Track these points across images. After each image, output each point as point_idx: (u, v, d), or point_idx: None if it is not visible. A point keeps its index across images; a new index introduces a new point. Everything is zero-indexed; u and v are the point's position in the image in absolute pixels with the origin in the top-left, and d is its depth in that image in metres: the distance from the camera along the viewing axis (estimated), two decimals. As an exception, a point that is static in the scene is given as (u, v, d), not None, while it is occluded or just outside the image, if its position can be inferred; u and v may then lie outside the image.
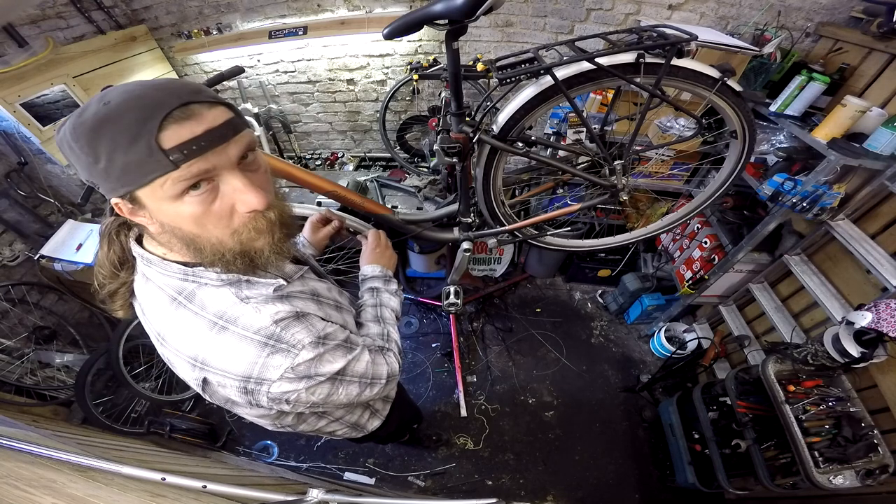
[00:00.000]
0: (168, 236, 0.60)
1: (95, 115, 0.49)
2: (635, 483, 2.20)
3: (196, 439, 2.16)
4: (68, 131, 0.51)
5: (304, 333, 0.63)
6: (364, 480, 2.15)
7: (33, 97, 1.83)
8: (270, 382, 0.61)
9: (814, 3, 1.89)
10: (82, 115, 0.50)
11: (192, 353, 0.61)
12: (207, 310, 0.61)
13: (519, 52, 1.07)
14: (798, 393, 1.65)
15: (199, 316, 0.61)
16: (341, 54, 2.43)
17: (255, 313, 0.61)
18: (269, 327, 0.61)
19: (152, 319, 0.65)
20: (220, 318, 0.61)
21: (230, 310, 0.61)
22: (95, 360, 2.01)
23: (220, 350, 0.60)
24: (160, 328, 0.64)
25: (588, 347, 2.81)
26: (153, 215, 0.57)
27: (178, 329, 0.62)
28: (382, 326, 0.90)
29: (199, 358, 0.61)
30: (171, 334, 0.63)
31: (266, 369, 0.60)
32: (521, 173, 1.55)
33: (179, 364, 0.64)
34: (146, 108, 0.50)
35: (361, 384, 0.74)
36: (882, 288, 1.58)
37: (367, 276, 1.02)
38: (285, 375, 0.61)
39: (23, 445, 0.75)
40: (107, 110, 0.49)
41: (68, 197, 2.21)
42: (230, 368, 0.60)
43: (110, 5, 2.19)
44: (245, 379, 0.61)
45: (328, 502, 0.80)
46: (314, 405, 0.69)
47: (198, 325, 0.60)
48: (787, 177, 1.74)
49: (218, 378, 0.61)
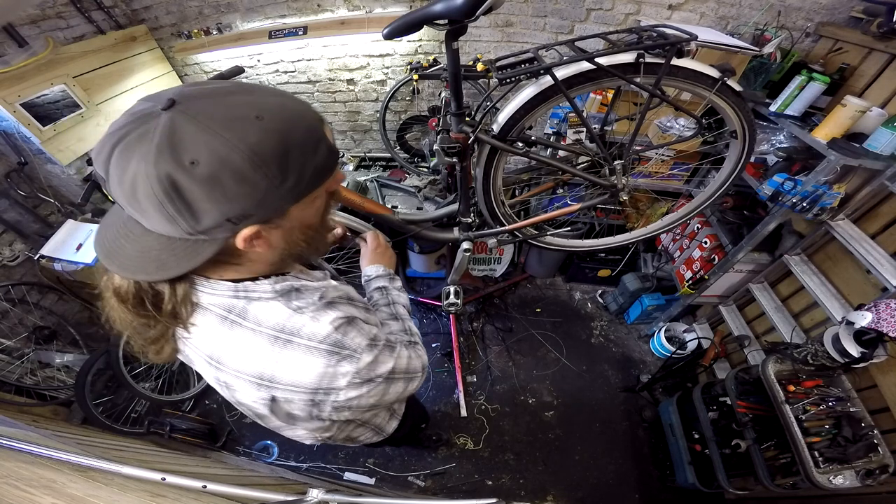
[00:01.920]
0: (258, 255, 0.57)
1: (273, 133, 0.46)
2: (635, 483, 2.20)
3: (196, 439, 2.16)
4: (246, 165, 0.45)
5: (360, 337, 0.62)
6: (364, 480, 2.15)
7: (33, 97, 1.83)
8: (339, 391, 0.60)
9: (814, 3, 1.89)
10: (249, 144, 0.45)
11: (257, 372, 0.58)
12: (264, 325, 0.58)
13: (519, 52, 1.07)
14: (798, 393, 1.65)
15: (259, 332, 0.58)
16: (341, 54, 2.43)
17: (315, 322, 0.59)
18: (332, 334, 0.59)
19: (200, 344, 0.61)
20: (282, 332, 0.58)
21: (288, 322, 0.58)
22: (95, 360, 2.01)
23: (287, 364, 0.58)
24: (212, 351, 0.60)
25: (588, 347, 2.81)
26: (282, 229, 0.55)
27: (237, 349, 0.59)
28: (402, 322, 0.90)
29: (266, 376, 0.58)
30: (229, 356, 0.59)
31: (336, 378, 0.59)
32: (521, 173, 1.55)
33: (241, 386, 0.61)
34: (302, 113, 0.51)
35: (405, 380, 0.73)
36: (882, 288, 1.58)
37: (371, 276, 1.02)
38: (352, 381, 0.60)
39: (23, 445, 0.75)
40: (280, 125, 0.47)
41: (68, 197, 2.21)
42: (300, 382, 0.58)
43: (110, 5, 2.19)
44: (314, 391, 0.59)
45: (328, 502, 0.80)
46: (370, 408, 0.68)
47: (258, 342, 0.58)
48: (787, 177, 1.74)
49: (286, 394, 0.59)
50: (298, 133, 0.49)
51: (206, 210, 0.46)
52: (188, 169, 0.43)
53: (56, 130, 1.93)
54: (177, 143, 0.43)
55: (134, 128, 0.44)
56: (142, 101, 0.48)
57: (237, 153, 0.44)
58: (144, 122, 0.44)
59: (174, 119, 0.44)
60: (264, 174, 0.46)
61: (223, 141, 0.44)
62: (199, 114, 0.44)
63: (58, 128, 1.94)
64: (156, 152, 0.43)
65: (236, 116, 0.45)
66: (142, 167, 0.43)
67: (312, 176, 0.52)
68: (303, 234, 0.59)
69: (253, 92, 0.49)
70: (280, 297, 0.60)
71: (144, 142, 0.43)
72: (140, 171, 0.43)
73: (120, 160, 0.44)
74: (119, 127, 0.45)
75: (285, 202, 0.51)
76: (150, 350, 0.62)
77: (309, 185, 0.52)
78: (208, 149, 0.43)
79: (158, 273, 0.52)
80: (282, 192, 0.49)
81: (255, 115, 0.46)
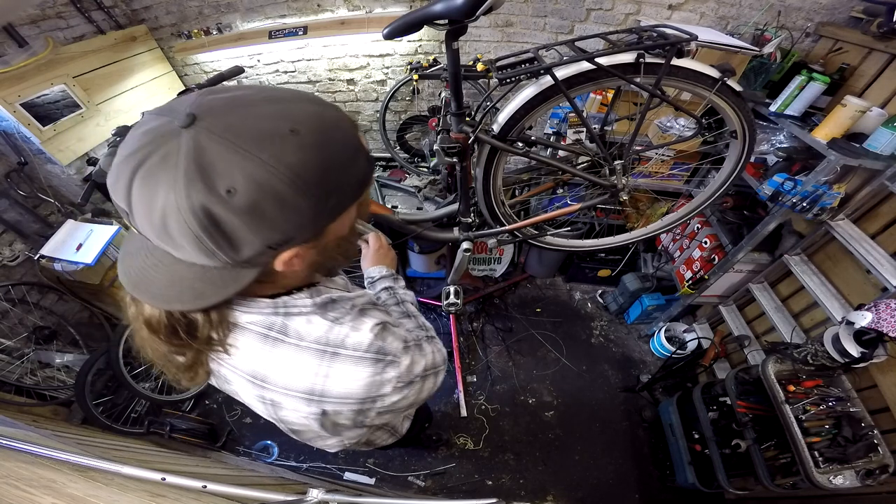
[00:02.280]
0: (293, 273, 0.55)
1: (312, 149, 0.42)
2: (635, 483, 2.20)
3: (196, 439, 2.16)
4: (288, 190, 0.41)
5: (396, 341, 0.62)
6: (364, 480, 2.15)
7: (33, 97, 1.83)
8: (385, 397, 0.60)
9: (814, 3, 1.89)
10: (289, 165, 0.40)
11: (307, 388, 0.57)
12: (307, 339, 0.57)
13: (519, 52, 1.07)
14: (798, 393, 1.65)
15: (304, 348, 0.57)
16: (341, 54, 2.43)
17: (356, 332, 0.58)
18: (374, 342, 0.58)
19: (240, 364, 0.59)
20: (327, 345, 0.57)
21: (330, 334, 0.57)
22: (95, 360, 2.01)
23: (337, 377, 0.57)
24: (255, 370, 0.58)
25: (588, 347, 2.81)
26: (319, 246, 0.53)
27: (284, 367, 0.57)
28: (415, 319, 0.89)
29: (317, 391, 0.57)
30: (276, 373, 0.58)
31: (382, 385, 0.59)
32: (521, 173, 1.55)
33: (289, 402, 0.59)
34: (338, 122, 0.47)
35: (434, 375, 0.73)
36: (882, 288, 1.58)
37: (375, 277, 1.01)
38: (396, 386, 0.60)
39: (23, 445, 0.75)
40: (318, 139, 0.43)
41: (68, 197, 2.20)
42: (351, 393, 0.58)
43: (110, 5, 2.19)
44: (363, 400, 0.59)
45: (328, 502, 0.80)
46: (407, 408, 0.68)
47: (305, 358, 0.57)
48: (787, 177, 1.74)
49: (336, 406, 0.59)
50: (337, 146, 0.45)
51: (246, 241, 0.43)
52: (225, 199, 0.39)
53: (56, 130, 1.93)
54: (208, 169, 0.38)
55: (152, 150, 0.39)
56: (153, 116, 0.42)
57: (277, 177, 0.40)
58: (163, 142, 0.39)
59: (198, 139, 0.39)
60: (307, 197, 0.43)
61: (259, 163, 0.39)
62: (226, 131, 0.39)
63: (58, 128, 1.94)
64: (185, 181, 0.38)
65: (269, 132, 0.40)
66: (171, 199, 0.38)
67: (353, 189, 0.49)
68: (337, 246, 0.57)
69: (280, 100, 0.44)
70: (318, 309, 0.59)
71: (168, 167, 0.38)
72: (170, 204, 0.39)
73: (144, 190, 0.39)
74: (134, 150, 0.40)
75: (327, 221, 0.49)
76: (184, 377, 0.60)
77: (349, 199, 0.50)
78: (244, 174, 0.39)
79: (195, 302, 0.50)
80: (325, 212, 0.47)
81: (290, 128, 0.41)
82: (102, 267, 2.02)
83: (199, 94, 0.43)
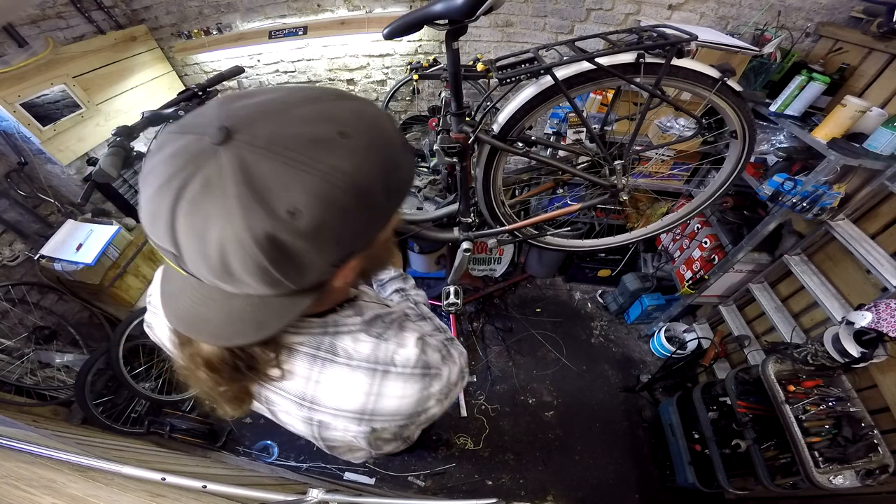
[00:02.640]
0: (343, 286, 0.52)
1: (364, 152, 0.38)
2: (635, 483, 2.20)
3: (196, 439, 2.16)
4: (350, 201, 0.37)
5: (435, 353, 0.60)
6: (364, 480, 2.15)
7: (33, 97, 1.83)
8: (428, 410, 0.59)
9: (814, 3, 1.89)
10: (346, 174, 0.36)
11: (359, 408, 0.55)
12: (357, 359, 0.55)
13: (519, 52, 1.07)
14: (798, 393, 1.65)
15: (354, 367, 0.55)
16: (341, 54, 2.43)
17: (403, 348, 0.57)
18: (420, 357, 0.57)
19: (289, 386, 0.57)
20: (377, 364, 0.55)
21: (378, 352, 0.56)
22: (95, 360, 2.01)
23: (389, 396, 0.55)
24: (304, 391, 0.56)
25: (588, 347, 2.81)
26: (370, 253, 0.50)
27: (334, 387, 0.55)
28: (431, 321, 0.87)
29: (368, 410, 0.55)
30: (326, 394, 0.56)
31: (428, 399, 0.58)
32: (521, 173, 1.55)
33: (339, 423, 0.57)
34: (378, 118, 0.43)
35: (461, 380, 0.71)
36: (882, 288, 1.58)
37: (384, 279, 0.98)
38: (439, 399, 0.59)
39: (23, 445, 0.75)
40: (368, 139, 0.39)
41: (68, 197, 2.20)
42: (401, 410, 0.56)
43: (110, 5, 2.19)
44: (411, 416, 0.57)
45: (328, 502, 0.80)
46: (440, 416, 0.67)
47: (357, 378, 0.55)
48: (787, 177, 1.74)
49: (385, 424, 0.57)
50: (386, 145, 0.41)
51: (314, 263, 0.39)
52: (288, 222, 0.35)
53: (56, 130, 1.93)
54: (263, 191, 0.34)
55: (188, 176, 0.34)
56: (173, 135, 0.37)
57: (338, 189, 0.36)
58: (198, 164, 0.34)
59: (241, 156, 0.34)
60: (368, 204, 0.39)
61: (317, 176, 0.35)
62: (271, 143, 0.34)
63: (58, 128, 1.94)
64: (240, 208, 0.33)
65: (318, 138, 0.36)
66: (229, 232, 0.34)
67: (405, 188, 0.46)
68: (385, 251, 0.54)
69: (316, 99, 0.39)
70: (364, 326, 0.57)
71: (215, 195, 0.33)
72: (228, 238, 0.34)
73: (192, 227, 0.35)
74: (165, 179, 0.34)
75: (382, 226, 0.46)
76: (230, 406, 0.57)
77: (401, 199, 0.46)
78: (304, 190, 0.35)
79: (258, 334, 0.46)
80: (381, 217, 0.44)
81: (338, 131, 0.37)
82: (102, 267, 2.02)
83: (222, 103, 0.38)
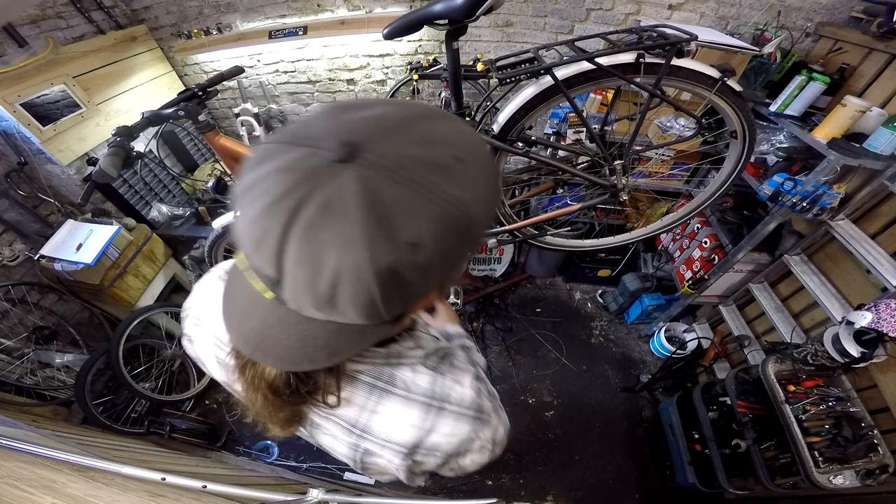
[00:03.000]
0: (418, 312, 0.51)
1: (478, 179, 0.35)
2: (635, 483, 2.20)
3: (196, 439, 2.16)
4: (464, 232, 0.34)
5: (488, 400, 0.58)
6: (364, 480, 2.15)
7: (33, 97, 1.83)
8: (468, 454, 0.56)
9: (814, 3, 1.89)
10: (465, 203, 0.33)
11: (407, 441, 0.54)
12: (415, 392, 0.54)
13: (519, 52, 1.07)
14: (798, 393, 1.65)
15: (412, 401, 0.53)
16: (341, 54, 2.43)
17: (459, 386, 0.55)
18: (475, 399, 0.56)
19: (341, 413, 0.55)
20: (433, 399, 0.54)
21: (436, 387, 0.54)
22: (95, 360, 2.01)
23: (439, 432, 0.54)
24: (357, 419, 0.55)
25: (588, 347, 2.81)
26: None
27: (388, 418, 0.54)
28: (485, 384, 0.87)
29: (416, 444, 0.54)
30: (379, 425, 0.54)
31: (472, 442, 0.56)
32: (521, 173, 1.55)
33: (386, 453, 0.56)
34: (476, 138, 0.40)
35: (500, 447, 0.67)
36: (882, 288, 1.58)
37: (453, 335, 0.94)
38: (482, 446, 0.57)
39: (23, 445, 0.75)
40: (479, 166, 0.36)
41: (68, 197, 2.21)
42: (443, 448, 0.54)
43: (110, 5, 2.19)
44: (449, 456, 0.55)
45: (328, 502, 0.80)
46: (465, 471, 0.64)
47: (412, 412, 0.53)
48: (787, 177, 1.74)
49: (424, 458, 0.56)
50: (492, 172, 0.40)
51: (417, 294, 0.37)
52: (409, 254, 0.31)
53: (56, 130, 1.93)
54: (388, 218, 0.30)
55: (303, 196, 0.30)
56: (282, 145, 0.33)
57: (455, 219, 0.32)
58: (316, 183, 0.30)
59: (366, 177, 0.30)
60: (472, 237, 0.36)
61: (440, 206, 0.31)
62: (398, 166, 0.31)
63: (58, 128, 1.94)
64: (364, 237, 0.30)
65: (439, 163, 0.32)
66: (349, 262, 0.30)
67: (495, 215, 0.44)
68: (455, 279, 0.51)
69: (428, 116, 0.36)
70: (422, 359, 0.56)
71: (335, 218, 0.30)
72: (347, 268, 0.31)
73: (305, 253, 0.31)
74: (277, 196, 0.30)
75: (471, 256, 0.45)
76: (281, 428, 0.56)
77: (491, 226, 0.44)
78: (427, 219, 0.31)
79: (329, 360, 0.44)
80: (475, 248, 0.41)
81: (454, 155, 0.33)
82: (102, 267, 2.02)
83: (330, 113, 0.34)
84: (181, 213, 2.49)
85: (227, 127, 2.92)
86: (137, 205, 2.38)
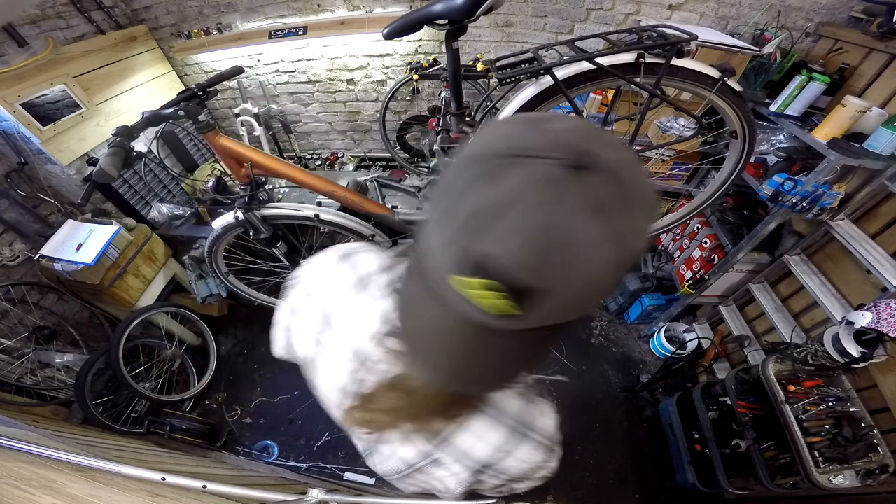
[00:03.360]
0: None
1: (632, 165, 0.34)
2: (635, 483, 2.20)
3: (196, 439, 2.16)
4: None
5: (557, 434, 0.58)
6: (364, 480, 2.15)
7: (33, 97, 1.83)
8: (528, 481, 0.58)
9: (814, 3, 1.89)
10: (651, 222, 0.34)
11: (484, 459, 0.54)
12: (505, 414, 0.54)
13: (519, 52, 1.07)
14: (798, 393, 1.65)
15: (500, 422, 0.54)
16: (341, 54, 2.43)
17: (544, 416, 0.56)
18: (556, 432, 0.56)
19: None
20: (519, 424, 0.54)
21: (523, 413, 0.55)
22: (95, 360, 2.01)
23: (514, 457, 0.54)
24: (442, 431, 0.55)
25: (588, 347, 2.81)
26: None
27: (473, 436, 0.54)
28: None
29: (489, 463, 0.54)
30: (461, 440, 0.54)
31: (539, 471, 0.56)
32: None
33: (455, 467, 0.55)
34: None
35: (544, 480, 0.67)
36: (882, 288, 1.58)
37: None
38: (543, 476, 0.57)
39: (23, 445, 0.75)
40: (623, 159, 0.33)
41: (68, 197, 2.21)
42: (511, 471, 0.55)
43: (110, 5, 2.19)
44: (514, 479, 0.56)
45: (328, 502, 0.80)
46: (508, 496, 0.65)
47: (497, 432, 0.53)
48: (787, 177, 1.74)
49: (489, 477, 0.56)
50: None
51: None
52: (634, 262, 0.35)
53: (56, 130, 1.94)
54: (626, 236, 0.32)
55: (574, 205, 0.29)
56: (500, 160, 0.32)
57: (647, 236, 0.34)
58: (572, 191, 0.30)
59: (607, 181, 0.31)
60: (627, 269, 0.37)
61: (642, 221, 0.33)
62: (623, 180, 0.31)
63: (58, 128, 1.94)
64: (638, 231, 0.32)
65: (641, 189, 0.33)
66: (611, 259, 0.31)
67: None
68: None
69: (601, 129, 0.41)
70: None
71: (605, 219, 0.30)
72: (610, 264, 0.31)
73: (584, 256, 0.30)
74: (548, 209, 0.29)
75: None
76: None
77: None
78: (643, 230, 0.34)
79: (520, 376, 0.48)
80: None
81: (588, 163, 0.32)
82: (102, 267, 2.02)
83: (533, 125, 0.34)
84: (181, 213, 2.50)
85: (227, 127, 2.92)
86: (137, 205, 2.38)
